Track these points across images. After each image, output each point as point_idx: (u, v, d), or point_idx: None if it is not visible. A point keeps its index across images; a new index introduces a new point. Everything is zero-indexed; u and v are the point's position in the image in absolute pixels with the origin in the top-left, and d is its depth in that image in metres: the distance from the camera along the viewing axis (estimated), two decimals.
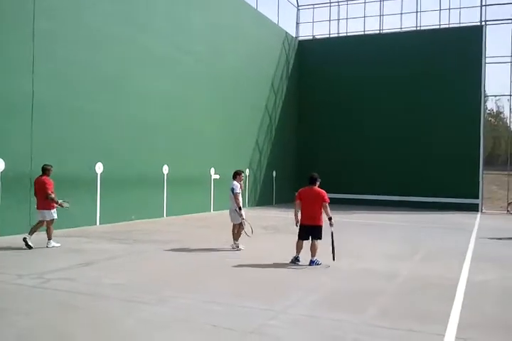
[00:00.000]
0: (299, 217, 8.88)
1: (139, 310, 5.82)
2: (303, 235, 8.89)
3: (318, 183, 8.97)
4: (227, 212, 10.85)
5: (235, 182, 10.54)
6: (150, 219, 15.66)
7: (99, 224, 13.83)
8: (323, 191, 8.84)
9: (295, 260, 8.84)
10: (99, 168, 13.86)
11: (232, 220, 10.55)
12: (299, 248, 8.91)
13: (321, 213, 8.76)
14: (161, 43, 16.39)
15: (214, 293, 6.69)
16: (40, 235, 10.25)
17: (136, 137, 15.33)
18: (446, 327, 5.37)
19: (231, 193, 10.49)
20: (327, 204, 8.74)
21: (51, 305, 5.96)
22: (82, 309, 5.83)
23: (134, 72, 15.24)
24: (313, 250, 8.76)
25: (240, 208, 10.36)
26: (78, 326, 5.22)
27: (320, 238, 8.80)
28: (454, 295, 6.83)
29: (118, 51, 14.59)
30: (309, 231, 8.79)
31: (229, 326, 5.25)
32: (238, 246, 10.28)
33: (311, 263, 8.72)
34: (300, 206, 8.89)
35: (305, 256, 8.83)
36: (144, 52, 15.65)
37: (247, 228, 10.48)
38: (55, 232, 10.30)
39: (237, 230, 10.42)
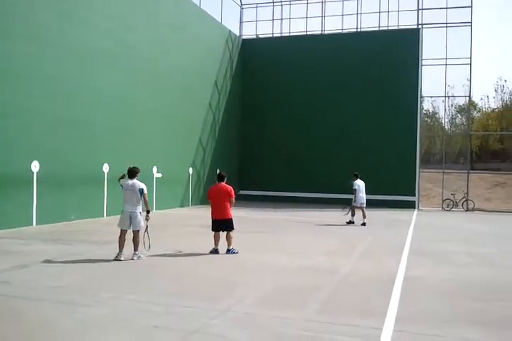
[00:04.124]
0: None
1: (77, 312, 5.64)
2: (215, 228, 9.84)
3: (225, 180, 10.02)
4: (170, 211, 10.63)
5: (139, 182, 9.13)
6: (90, 219, 15.23)
7: (36, 224, 13.32)
8: (230, 187, 9.89)
9: (215, 252, 9.69)
10: (35, 166, 13.33)
11: (134, 226, 9.01)
12: (216, 240, 9.78)
13: (229, 207, 9.81)
14: (100, 38, 15.88)
15: (153, 293, 6.58)
16: None
17: (75, 135, 14.84)
18: (384, 320, 5.52)
19: (138, 194, 8.94)
20: (233, 200, 9.86)
21: None
22: (17, 313, 5.59)
23: (72, 68, 14.73)
24: (228, 240, 9.76)
25: (148, 211, 9.08)
26: (13, 330, 5.00)
27: (232, 228, 9.82)
28: (392, 289, 7.05)
29: (55, 46, 14.06)
30: (221, 224, 9.77)
31: (170, 326, 5.18)
32: (140, 256, 8.96)
33: (228, 251, 9.70)
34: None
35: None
36: (83, 47, 15.15)
37: (146, 239, 9.04)
38: None
39: (138, 237, 9.00)
